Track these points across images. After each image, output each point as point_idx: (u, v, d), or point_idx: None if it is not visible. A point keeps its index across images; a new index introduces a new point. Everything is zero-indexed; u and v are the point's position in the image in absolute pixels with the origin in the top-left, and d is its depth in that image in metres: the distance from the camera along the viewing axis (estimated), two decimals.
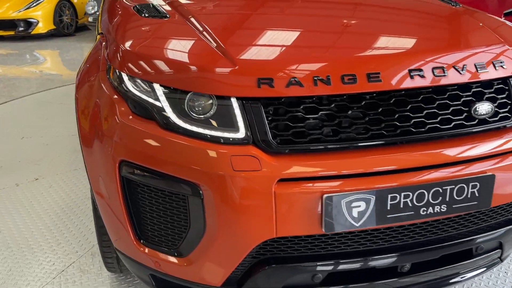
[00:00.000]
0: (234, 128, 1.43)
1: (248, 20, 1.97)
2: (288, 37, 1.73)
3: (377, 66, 1.49)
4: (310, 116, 1.44)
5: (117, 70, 1.65)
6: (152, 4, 2.09)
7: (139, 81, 1.57)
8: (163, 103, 1.50)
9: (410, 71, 1.49)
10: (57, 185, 3.22)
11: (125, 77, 1.60)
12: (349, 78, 1.45)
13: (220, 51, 1.53)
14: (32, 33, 9.54)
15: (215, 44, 1.59)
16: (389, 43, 1.68)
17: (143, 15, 1.94)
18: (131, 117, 1.55)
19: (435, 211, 1.48)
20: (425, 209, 1.46)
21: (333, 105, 1.45)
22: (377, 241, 1.53)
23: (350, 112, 1.46)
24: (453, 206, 1.49)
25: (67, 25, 10.04)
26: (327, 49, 1.60)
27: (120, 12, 2.12)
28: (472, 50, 1.61)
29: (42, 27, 9.55)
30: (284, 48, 1.63)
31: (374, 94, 1.48)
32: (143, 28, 1.86)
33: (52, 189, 3.17)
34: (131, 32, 1.84)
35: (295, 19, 2.02)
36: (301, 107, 1.44)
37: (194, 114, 1.47)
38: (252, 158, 1.39)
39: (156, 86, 1.52)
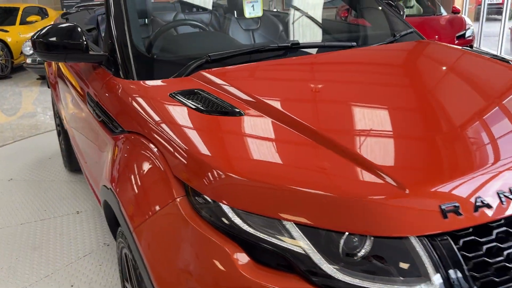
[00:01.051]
0: (420, 277, 1.07)
1: (373, 115, 1.53)
2: (443, 135, 1.37)
3: None
4: (504, 244, 1.12)
5: (209, 198, 1.21)
6: (200, 92, 1.62)
7: (255, 216, 1.15)
8: (307, 249, 1.10)
9: None
10: None
11: (229, 211, 1.17)
12: None
13: (374, 173, 1.15)
14: None
15: (360, 161, 1.20)
16: None
17: (205, 110, 1.48)
18: (256, 269, 1.12)
19: None
20: None
21: None
22: None
23: None
24: None
25: (2, 66, 8.91)
26: (496, 149, 1.29)
27: (160, 105, 1.58)
28: None
29: None
30: (448, 154, 1.28)
31: None
32: (227, 135, 1.39)
33: None
34: (213, 142, 1.37)
35: (437, 104, 1.60)
36: (494, 234, 1.12)
37: (355, 262, 1.09)
38: None
39: (290, 225, 1.12)
